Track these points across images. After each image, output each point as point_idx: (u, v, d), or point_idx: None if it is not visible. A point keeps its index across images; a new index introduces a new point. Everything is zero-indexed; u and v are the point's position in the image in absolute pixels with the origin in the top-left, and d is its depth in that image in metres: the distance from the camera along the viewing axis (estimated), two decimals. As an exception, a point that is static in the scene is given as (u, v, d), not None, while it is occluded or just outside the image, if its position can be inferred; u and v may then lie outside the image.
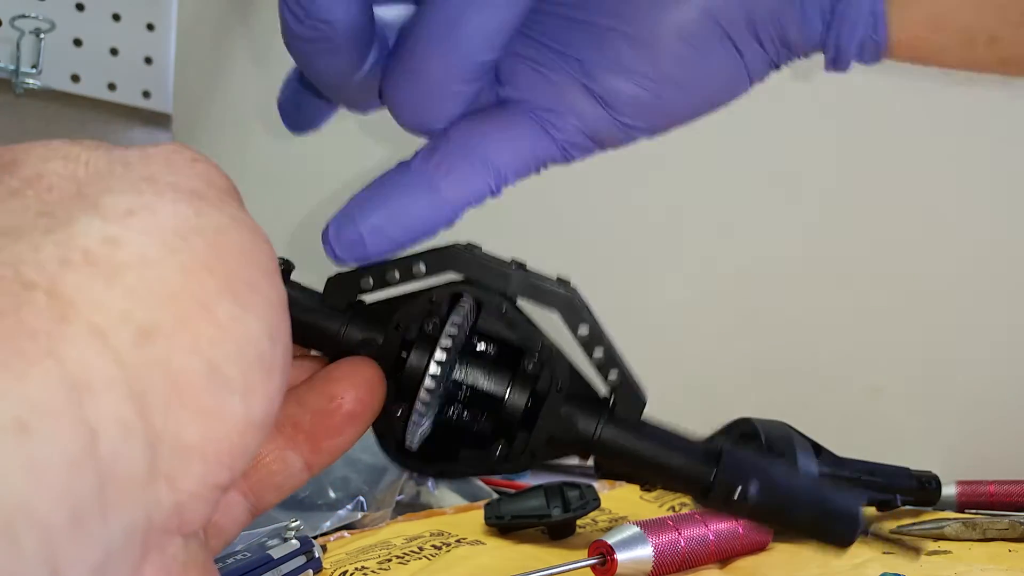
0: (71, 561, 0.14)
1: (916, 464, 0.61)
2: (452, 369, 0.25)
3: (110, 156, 0.19)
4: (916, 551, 0.29)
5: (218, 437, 0.17)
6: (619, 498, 0.62)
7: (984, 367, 0.76)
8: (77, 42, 0.95)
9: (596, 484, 0.61)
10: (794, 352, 0.80)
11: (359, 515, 0.56)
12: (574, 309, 0.26)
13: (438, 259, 0.25)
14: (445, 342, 0.24)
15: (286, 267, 0.25)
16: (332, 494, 0.57)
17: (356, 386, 0.24)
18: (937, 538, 0.54)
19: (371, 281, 0.25)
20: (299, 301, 0.25)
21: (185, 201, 0.18)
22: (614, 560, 0.43)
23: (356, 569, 0.45)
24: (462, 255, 0.25)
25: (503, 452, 0.25)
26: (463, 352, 0.25)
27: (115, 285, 0.16)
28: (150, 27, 1.02)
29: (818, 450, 0.58)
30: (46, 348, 0.14)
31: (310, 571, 0.45)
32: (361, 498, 0.57)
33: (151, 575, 0.16)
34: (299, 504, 0.56)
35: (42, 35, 0.90)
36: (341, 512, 0.56)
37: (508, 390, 0.25)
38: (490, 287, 0.25)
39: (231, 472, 0.17)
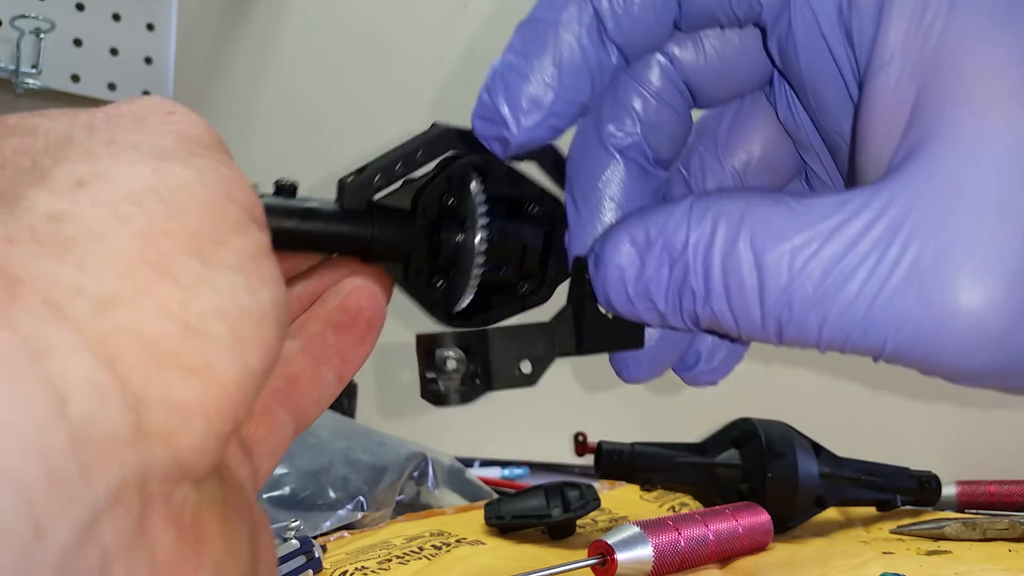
0: (55, 519, 0.14)
1: (916, 464, 0.62)
2: (488, 235, 0.27)
3: (73, 122, 0.18)
4: None
5: (216, 392, 0.17)
6: (619, 498, 0.62)
7: (984, 367, 0.76)
8: (77, 42, 0.95)
9: (596, 484, 0.61)
10: (794, 352, 0.80)
11: (359, 515, 0.56)
12: (547, 156, 0.28)
13: (435, 143, 0.26)
14: (482, 220, 0.26)
15: (287, 188, 0.26)
16: (332, 494, 0.57)
17: (371, 296, 0.26)
18: (937, 538, 0.54)
19: (382, 178, 0.26)
20: (320, 212, 0.26)
21: (142, 162, 0.18)
22: (614, 560, 0.43)
23: (356, 569, 0.45)
24: (454, 133, 0.26)
25: (530, 289, 0.29)
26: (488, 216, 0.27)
27: (65, 261, 0.16)
28: (150, 27, 1.02)
29: (818, 450, 0.58)
30: None
31: (310, 571, 0.45)
32: (361, 498, 0.57)
33: (159, 523, 0.16)
34: (299, 504, 0.56)
35: (42, 35, 0.90)
36: (341, 512, 0.56)
37: (527, 237, 0.28)
38: (490, 154, 0.27)
39: (234, 422, 0.17)
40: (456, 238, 0.27)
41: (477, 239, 0.27)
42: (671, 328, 0.23)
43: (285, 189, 0.26)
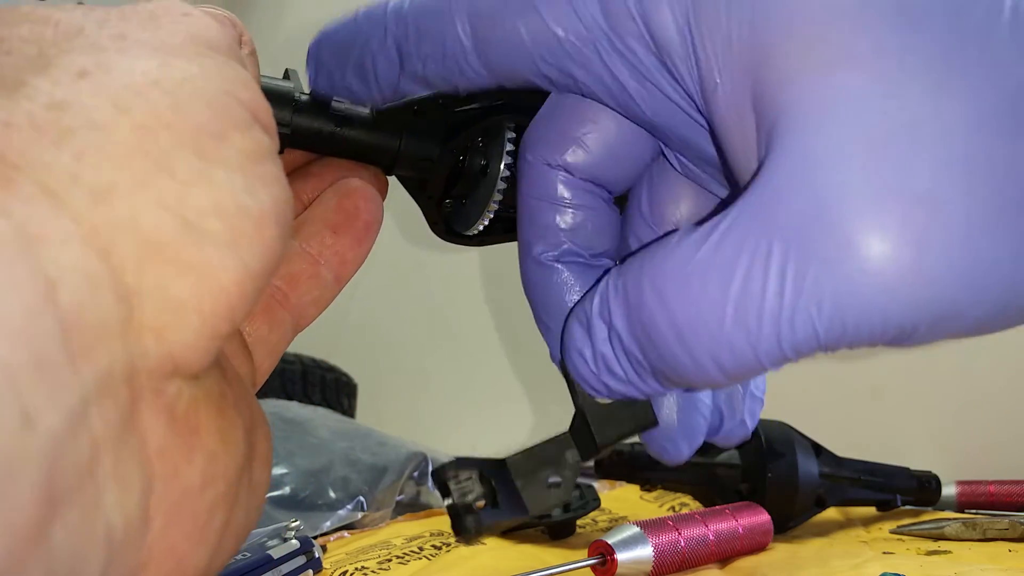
0: (43, 404, 0.14)
1: (916, 464, 0.62)
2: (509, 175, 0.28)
3: (86, 16, 0.18)
4: None
5: (212, 290, 0.16)
6: (619, 498, 0.62)
7: (984, 367, 0.76)
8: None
9: (596, 484, 0.61)
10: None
11: (359, 515, 0.56)
12: None
13: (481, 95, 0.27)
14: (507, 159, 0.28)
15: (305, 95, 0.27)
16: (332, 494, 0.57)
17: (369, 198, 0.27)
18: (937, 538, 0.54)
19: (420, 104, 0.28)
20: (353, 119, 0.27)
21: (148, 56, 0.17)
22: (614, 560, 0.43)
23: (356, 569, 0.45)
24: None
25: None
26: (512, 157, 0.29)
27: (63, 150, 0.15)
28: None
29: (818, 450, 0.58)
30: None
31: (310, 571, 0.45)
32: (361, 498, 0.57)
33: (150, 415, 0.16)
34: (299, 504, 0.56)
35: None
36: (341, 512, 0.56)
37: None
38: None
39: (231, 322, 0.17)
40: (479, 166, 0.29)
41: (500, 173, 0.28)
42: (653, 393, 0.23)
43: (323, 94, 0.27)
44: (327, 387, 0.78)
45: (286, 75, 0.29)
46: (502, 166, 0.28)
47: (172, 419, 0.17)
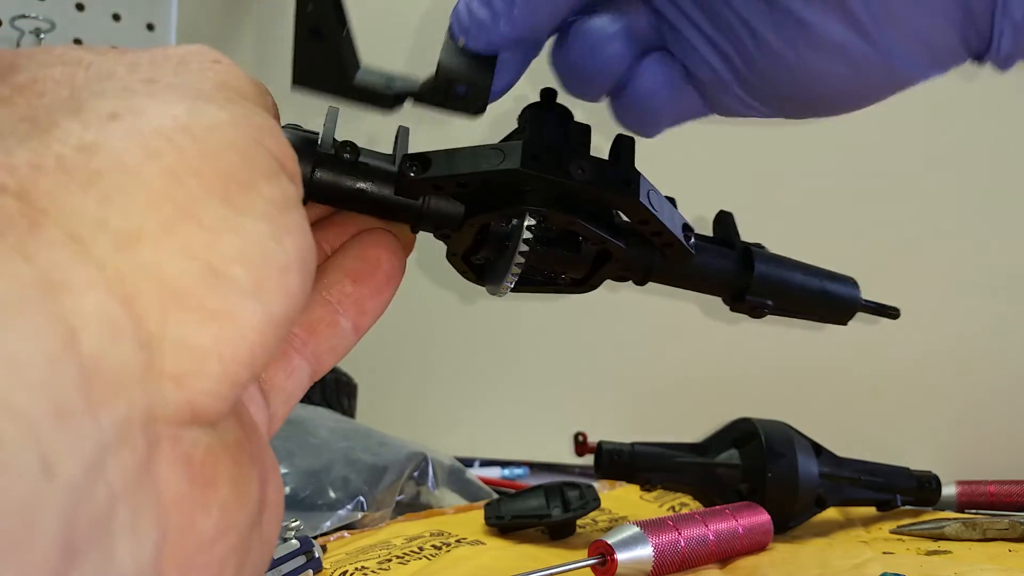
0: (62, 454, 0.13)
1: (916, 464, 0.62)
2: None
3: (119, 59, 0.18)
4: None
5: (234, 338, 0.16)
6: (619, 498, 0.62)
7: (984, 367, 0.76)
8: (77, 42, 0.95)
9: (596, 484, 0.61)
10: (794, 352, 0.80)
11: (359, 515, 0.56)
12: None
13: (502, 176, 0.27)
14: (527, 238, 0.27)
15: (350, 147, 0.27)
16: (332, 494, 0.57)
17: (391, 249, 0.27)
18: (937, 538, 0.54)
19: (442, 178, 0.27)
20: (377, 175, 0.27)
21: (178, 101, 0.17)
22: (614, 560, 0.43)
23: (356, 569, 0.45)
24: (526, 175, 0.27)
25: (571, 280, 0.31)
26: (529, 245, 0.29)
27: (90, 194, 0.15)
28: (150, 27, 1.02)
29: (818, 450, 0.58)
30: (15, 247, 0.14)
31: (310, 571, 0.45)
32: (361, 498, 0.57)
33: (167, 465, 0.16)
34: (299, 504, 0.56)
35: (42, 35, 0.90)
36: (341, 512, 0.56)
37: (570, 259, 0.30)
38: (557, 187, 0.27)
39: (252, 370, 0.17)
40: (502, 233, 0.29)
41: (520, 248, 0.28)
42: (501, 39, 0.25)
43: (348, 147, 0.27)
44: (327, 387, 0.78)
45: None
46: (523, 246, 0.28)
47: (189, 468, 0.17)
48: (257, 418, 0.23)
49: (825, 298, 0.35)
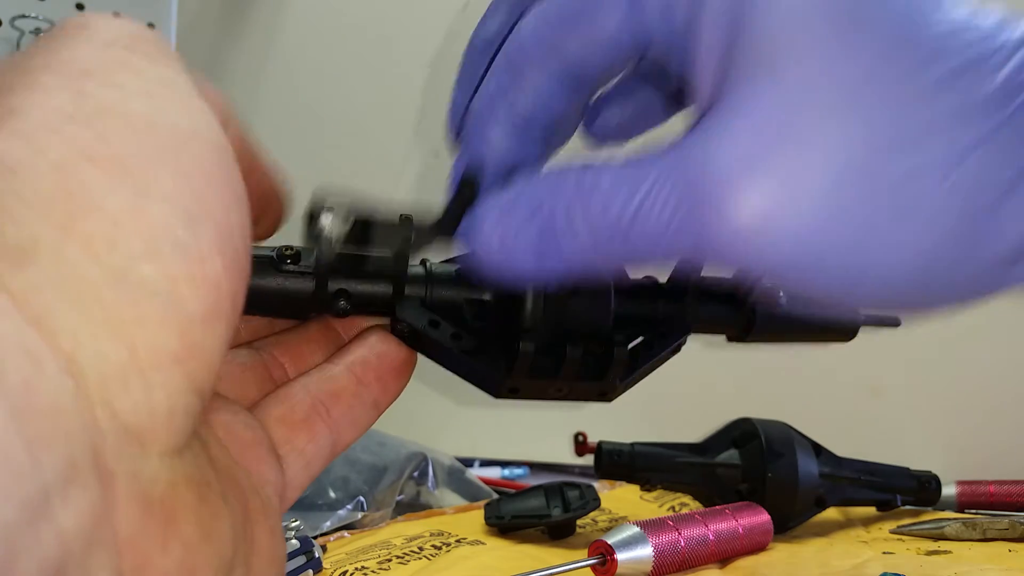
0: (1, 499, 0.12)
1: (916, 464, 0.62)
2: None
3: (2, 65, 0.17)
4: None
5: (153, 347, 0.15)
6: (619, 498, 0.62)
7: (984, 367, 0.76)
8: (77, 42, 0.95)
9: (596, 484, 0.61)
10: (794, 352, 0.80)
11: (359, 515, 0.56)
12: None
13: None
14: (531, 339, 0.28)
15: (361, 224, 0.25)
16: (332, 494, 0.57)
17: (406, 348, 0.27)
18: (937, 538, 0.54)
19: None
20: (380, 276, 0.27)
21: (62, 87, 0.16)
22: (614, 560, 0.43)
23: (356, 569, 0.45)
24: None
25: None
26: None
27: None
28: (150, 27, 1.02)
29: (818, 450, 0.58)
30: None
31: (310, 571, 0.45)
32: (361, 498, 0.57)
33: (125, 502, 0.15)
34: (299, 504, 0.56)
35: (42, 35, 0.90)
36: (341, 512, 0.56)
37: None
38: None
39: (188, 378, 0.15)
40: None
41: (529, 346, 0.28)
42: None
43: (359, 224, 0.25)
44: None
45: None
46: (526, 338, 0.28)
47: (147, 504, 0.15)
48: (266, 476, 0.22)
49: (824, 325, 0.37)
